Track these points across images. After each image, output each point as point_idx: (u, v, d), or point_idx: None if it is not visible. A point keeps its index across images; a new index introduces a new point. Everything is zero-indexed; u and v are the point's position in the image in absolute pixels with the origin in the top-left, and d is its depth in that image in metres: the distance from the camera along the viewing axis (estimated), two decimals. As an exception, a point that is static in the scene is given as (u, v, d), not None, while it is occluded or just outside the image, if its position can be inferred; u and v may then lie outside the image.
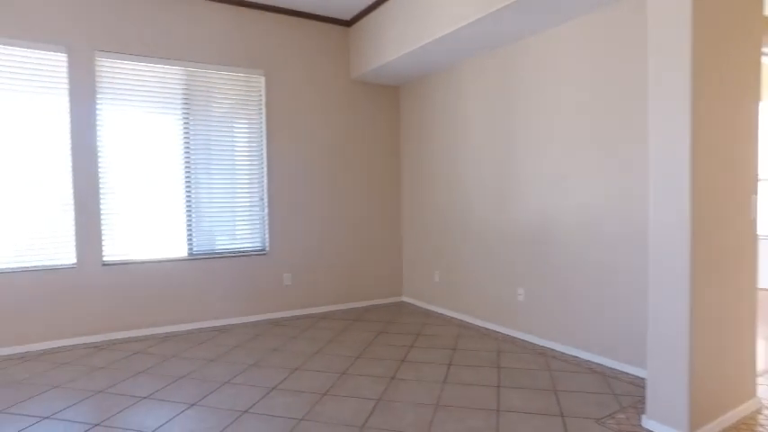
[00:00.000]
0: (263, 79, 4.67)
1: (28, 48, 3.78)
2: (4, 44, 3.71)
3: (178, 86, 4.33)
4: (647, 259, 3.08)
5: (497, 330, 4.23)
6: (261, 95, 4.68)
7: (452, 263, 4.74)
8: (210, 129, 4.48)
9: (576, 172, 3.51)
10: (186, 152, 4.38)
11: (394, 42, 4.37)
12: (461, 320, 4.61)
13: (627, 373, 3.21)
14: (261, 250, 4.71)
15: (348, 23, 5.06)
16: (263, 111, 4.68)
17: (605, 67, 3.30)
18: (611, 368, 3.31)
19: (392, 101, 5.41)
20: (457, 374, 3.25)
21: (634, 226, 3.16)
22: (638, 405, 2.75)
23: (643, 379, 3.12)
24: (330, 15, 4.91)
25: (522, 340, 3.97)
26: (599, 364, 3.39)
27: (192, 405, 2.83)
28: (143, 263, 4.21)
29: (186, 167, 4.38)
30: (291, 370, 3.37)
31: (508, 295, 4.11)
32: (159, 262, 4.27)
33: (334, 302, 5.08)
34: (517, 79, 3.96)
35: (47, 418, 2.70)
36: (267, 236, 4.72)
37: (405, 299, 5.50)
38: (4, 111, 3.75)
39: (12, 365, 3.52)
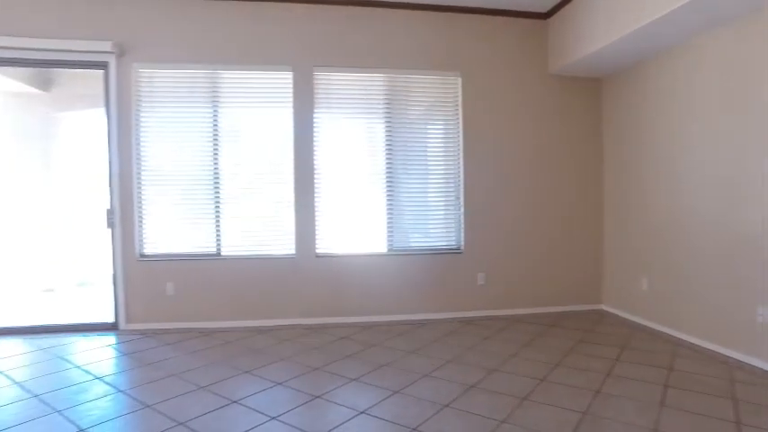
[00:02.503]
0: (459, 80, 4.74)
1: (266, 70, 4.48)
2: (250, 69, 4.46)
3: (380, 92, 4.66)
4: None
5: (726, 354, 3.61)
6: (457, 96, 4.76)
7: (665, 271, 4.19)
8: (408, 131, 4.73)
9: None
10: (388, 154, 4.68)
11: (603, 28, 4.03)
12: (675, 337, 4.05)
13: None
14: (456, 249, 4.80)
15: (545, 16, 4.84)
16: (460, 111, 4.76)
17: None
18: None
19: (593, 95, 5.01)
20: (678, 399, 2.86)
21: None
22: None
23: None
24: (526, 10, 4.76)
25: (763, 370, 3.31)
26: None
27: (396, 392, 3.00)
28: (349, 256, 4.64)
29: (387, 168, 4.68)
30: (489, 370, 3.36)
31: (743, 314, 3.47)
32: (362, 256, 4.65)
33: (527, 305, 4.92)
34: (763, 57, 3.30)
35: (279, 384, 3.15)
36: (462, 235, 4.79)
37: (605, 307, 5.06)
38: (249, 123, 4.50)
39: (250, 336, 4.20)
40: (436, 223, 4.80)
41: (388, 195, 4.69)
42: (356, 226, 4.68)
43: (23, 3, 4.19)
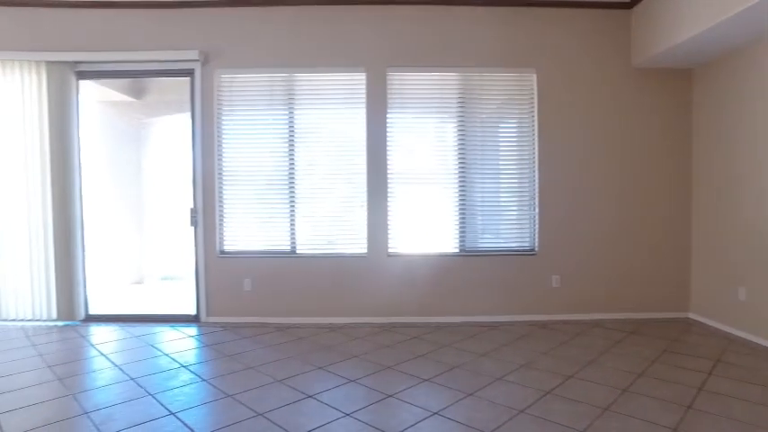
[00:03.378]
0: (534, 77, 4.60)
1: (340, 72, 4.57)
2: (325, 71, 4.57)
3: (453, 91, 4.61)
4: None
5: (841, 372, 3.24)
6: (532, 93, 4.62)
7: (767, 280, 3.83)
8: (481, 130, 4.65)
9: None
10: (460, 153, 4.63)
11: (700, 12, 3.72)
12: (780, 351, 3.70)
13: None
14: (530, 250, 4.66)
15: (629, 5, 4.58)
16: (535, 109, 4.61)
17: None
18: None
19: (682, 88, 4.67)
20: (783, 419, 2.60)
21: None
22: None
23: None
24: (607, 0, 4.53)
25: None
26: None
27: (469, 395, 2.96)
28: (420, 256, 4.63)
29: (460, 168, 4.63)
30: (565, 377, 3.23)
31: None
32: (433, 256, 4.62)
33: (605, 310, 4.68)
34: None
35: (352, 381, 3.19)
36: (536, 236, 4.64)
37: (692, 315, 4.70)
38: (323, 124, 4.62)
39: (322, 333, 4.30)
40: (509, 224, 4.68)
41: (459, 195, 4.64)
42: (427, 226, 4.67)
43: (119, 20, 4.54)
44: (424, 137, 4.71)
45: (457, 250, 4.65)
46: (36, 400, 2.94)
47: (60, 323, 4.61)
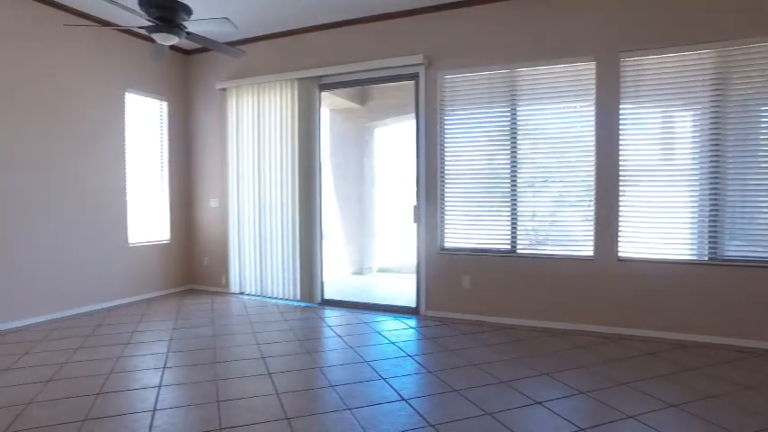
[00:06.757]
0: (825, 45, 3.65)
1: (563, 63, 4.29)
2: (546, 64, 4.35)
3: (704, 72, 3.93)
4: None
5: None
6: (821, 66, 3.67)
7: None
8: (740, 116, 3.86)
9: None
10: (713, 145, 3.93)
11: None
12: None
13: None
14: (813, 263, 3.73)
15: None
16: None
17: None
18: None
19: None
20: None
21: None
22: None
23: None
24: None
25: None
26: None
27: (736, 433, 2.48)
28: (657, 262, 4.08)
29: (711, 162, 3.93)
30: None
31: None
32: (675, 263, 4.03)
33: None
34: None
35: (581, 393, 2.96)
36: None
37: None
38: (546, 120, 4.42)
39: (542, 337, 4.10)
40: (781, 229, 3.80)
41: (711, 195, 3.94)
42: (665, 229, 4.08)
43: (352, 35, 5.03)
44: (663, 128, 4.13)
45: (706, 258, 3.96)
46: (294, 367, 3.44)
47: (302, 304, 5.33)
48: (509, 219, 4.56)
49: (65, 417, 2.67)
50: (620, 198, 4.18)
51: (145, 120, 5.69)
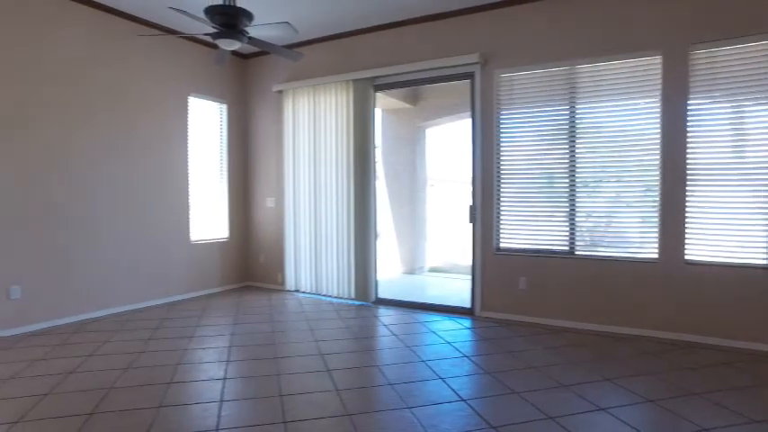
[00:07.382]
0: None
1: (626, 58, 4.13)
2: (608, 60, 4.20)
3: (784, 65, 3.69)
4: None
5: None
6: None
7: None
8: (829, 110, 3.60)
9: None
10: (795, 142, 3.68)
11: None
12: None
13: None
14: None
15: None
16: None
17: None
18: None
19: None
20: None
21: None
22: None
23: None
24: None
25: None
26: None
27: (824, 449, 2.31)
28: (729, 266, 3.86)
29: (793, 160, 3.69)
30: None
31: None
32: (747, 267, 3.80)
33: None
34: None
35: (650, 401, 2.85)
36: None
37: None
38: (607, 117, 4.27)
39: (602, 342, 3.97)
40: None
41: (791, 194, 3.70)
42: (739, 230, 3.84)
43: (406, 36, 5.05)
44: (735, 123, 3.90)
45: (783, 262, 3.72)
46: (352, 364, 3.49)
47: (357, 303, 5.40)
48: (567, 219, 4.44)
49: (143, 402, 2.83)
50: (687, 198, 3.98)
51: (206, 122, 5.92)
